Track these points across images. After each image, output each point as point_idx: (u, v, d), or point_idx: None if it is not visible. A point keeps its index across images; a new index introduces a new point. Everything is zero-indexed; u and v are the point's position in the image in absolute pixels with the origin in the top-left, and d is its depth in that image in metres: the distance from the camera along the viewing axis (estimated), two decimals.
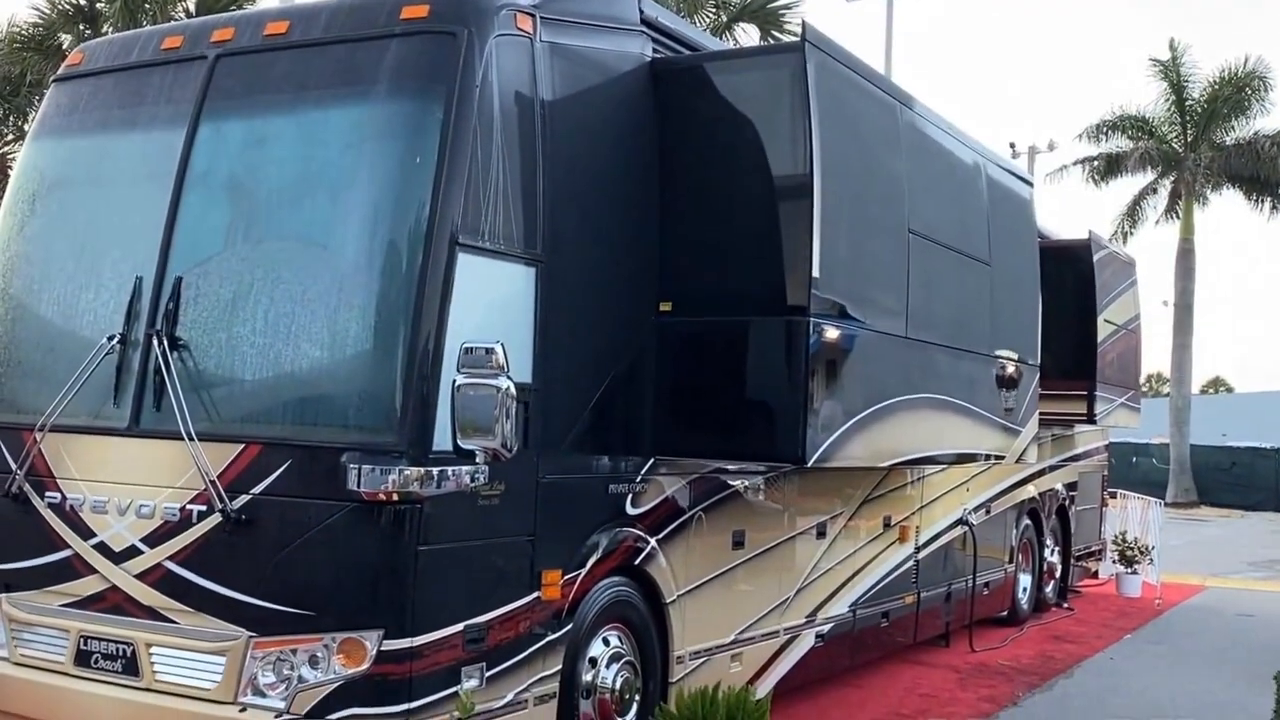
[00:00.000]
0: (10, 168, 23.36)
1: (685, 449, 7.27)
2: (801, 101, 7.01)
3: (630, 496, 6.99)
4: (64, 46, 20.66)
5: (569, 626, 6.49)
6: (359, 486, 5.41)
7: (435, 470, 5.51)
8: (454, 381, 5.52)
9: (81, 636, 6.06)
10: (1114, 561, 16.97)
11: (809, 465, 7.17)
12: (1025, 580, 13.82)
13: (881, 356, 8.17)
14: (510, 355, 5.53)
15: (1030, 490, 13.61)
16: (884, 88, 8.52)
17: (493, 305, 6.00)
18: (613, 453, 6.89)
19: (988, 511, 12.33)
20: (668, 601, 7.27)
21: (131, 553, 5.96)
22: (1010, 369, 10.44)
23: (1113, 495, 17.82)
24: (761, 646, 8.37)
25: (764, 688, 8.27)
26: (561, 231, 6.39)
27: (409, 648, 5.53)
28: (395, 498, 5.44)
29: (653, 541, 7.14)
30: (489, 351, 5.50)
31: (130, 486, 6.00)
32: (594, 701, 6.77)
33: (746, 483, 8.07)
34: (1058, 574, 15.00)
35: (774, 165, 7.25)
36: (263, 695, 5.62)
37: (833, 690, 9.75)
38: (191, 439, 5.75)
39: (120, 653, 5.95)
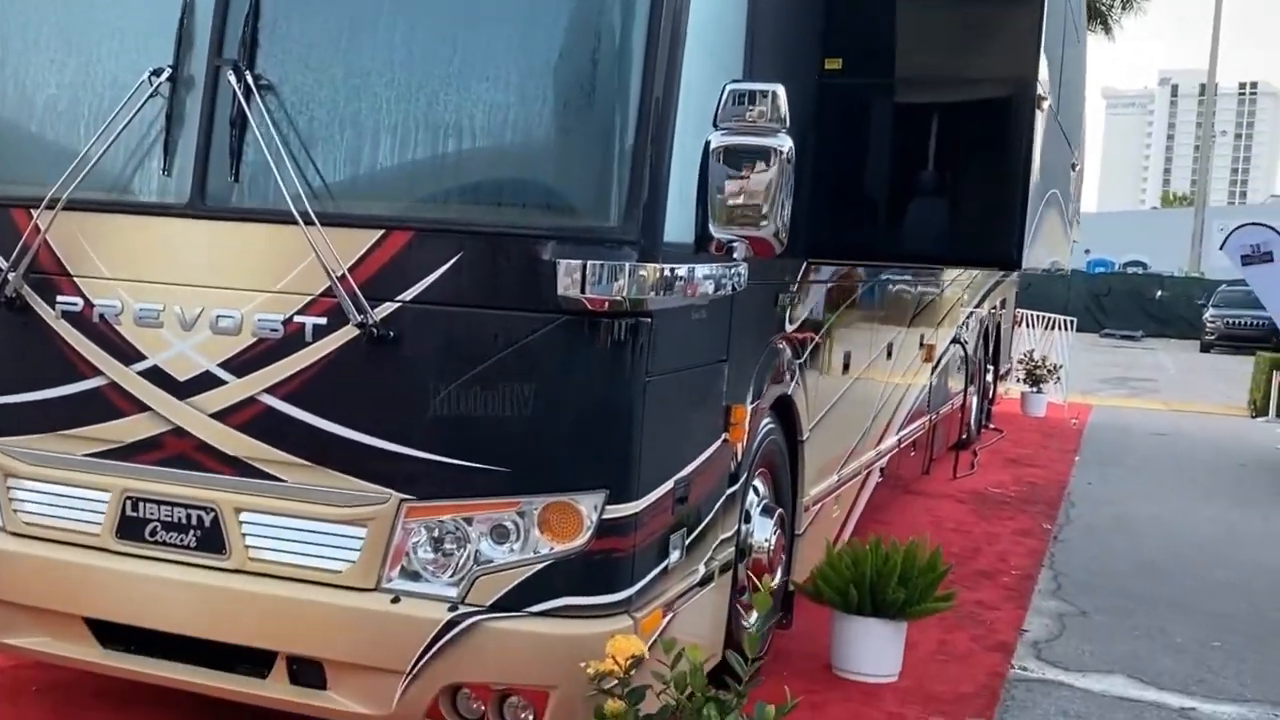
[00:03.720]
0: None
1: (870, 251, 5.82)
2: None
3: (788, 310, 5.54)
4: None
5: (744, 474, 5.06)
6: (582, 291, 3.79)
7: (679, 269, 3.96)
8: (708, 141, 3.95)
9: (127, 498, 4.26)
10: (1018, 380, 16.51)
11: (1021, 269, 5.85)
12: (975, 402, 13.02)
13: (1046, 146, 6.84)
14: None
15: (986, 307, 12.70)
16: None
17: (713, 46, 4.35)
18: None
19: (967, 329, 11.35)
20: (802, 439, 5.91)
21: (206, 383, 4.16)
22: (1078, 166, 9.35)
23: None
24: (850, 486, 7.18)
25: (846, 535, 7.11)
26: None
27: (634, 514, 4.00)
28: (625, 307, 3.85)
29: (797, 365, 5.74)
30: (762, 95, 3.94)
31: (198, 289, 4.16)
32: (748, 564, 5.40)
33: (870, 291, 6.72)
34: (989, 395, 14.34)
35: None
36: (420, 579, 4.03)
37: (869, 532, 8.68)
38: (311, 222, 3.97)
39: (193, 521, 4.20)
